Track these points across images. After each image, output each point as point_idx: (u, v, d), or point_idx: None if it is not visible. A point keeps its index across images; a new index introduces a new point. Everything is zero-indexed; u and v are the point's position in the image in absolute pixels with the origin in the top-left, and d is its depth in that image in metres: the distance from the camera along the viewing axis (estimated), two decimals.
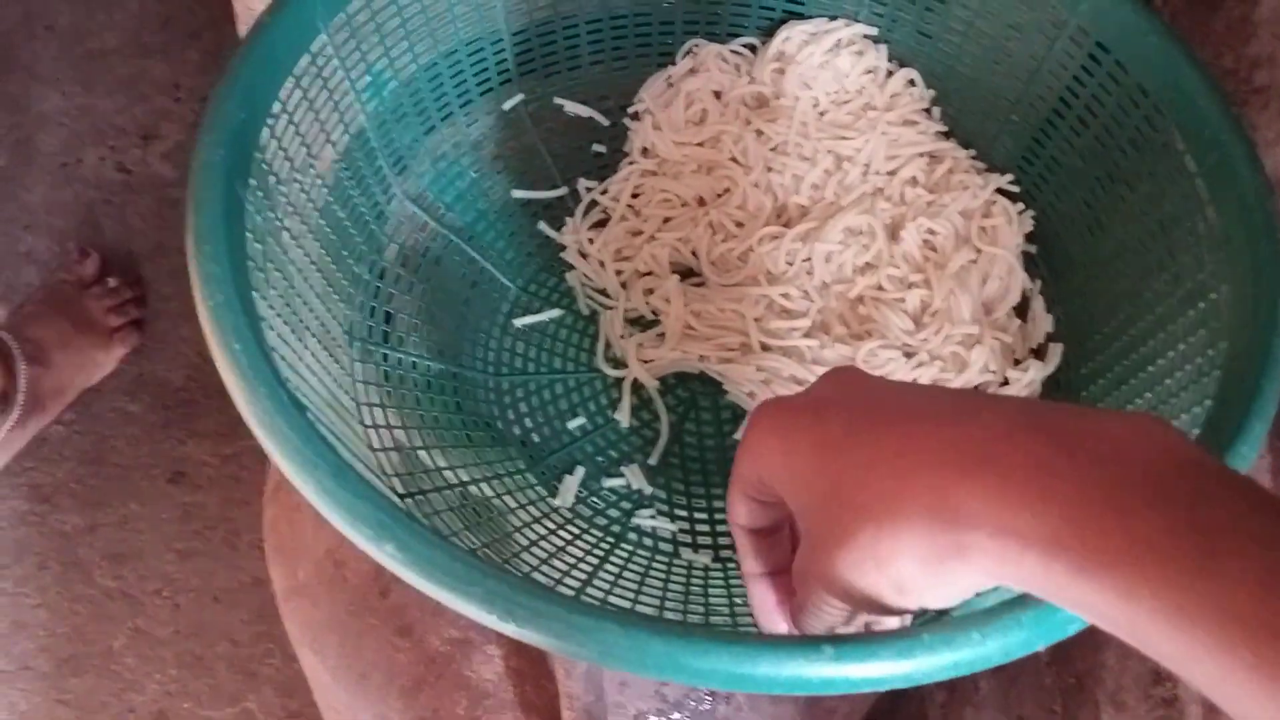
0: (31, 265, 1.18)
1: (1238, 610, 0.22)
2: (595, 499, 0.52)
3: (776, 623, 0.36)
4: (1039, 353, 0.55)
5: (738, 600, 0.48)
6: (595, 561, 0.49)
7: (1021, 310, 0.56)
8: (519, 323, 0.56)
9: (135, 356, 1.14)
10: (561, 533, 0.50)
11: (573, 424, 0.54)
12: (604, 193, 0.58)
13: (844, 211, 0.55)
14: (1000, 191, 0.57)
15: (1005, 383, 0.53)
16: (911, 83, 0.60)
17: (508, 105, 0.60)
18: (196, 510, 1.07)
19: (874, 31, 0.60)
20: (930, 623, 0.34)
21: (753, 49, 0.61)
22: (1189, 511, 0.23)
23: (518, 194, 0.59)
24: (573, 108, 0.61)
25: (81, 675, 0.99)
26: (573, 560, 0.49)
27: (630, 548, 0.50)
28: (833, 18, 0.60)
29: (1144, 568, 0.23)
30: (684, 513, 0.52)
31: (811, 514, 0.30)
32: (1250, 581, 0.22)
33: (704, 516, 0.52)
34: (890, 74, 0.60)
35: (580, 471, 0.52)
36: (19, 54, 1.32)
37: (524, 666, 0.60)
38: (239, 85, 0.46)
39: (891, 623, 0.36)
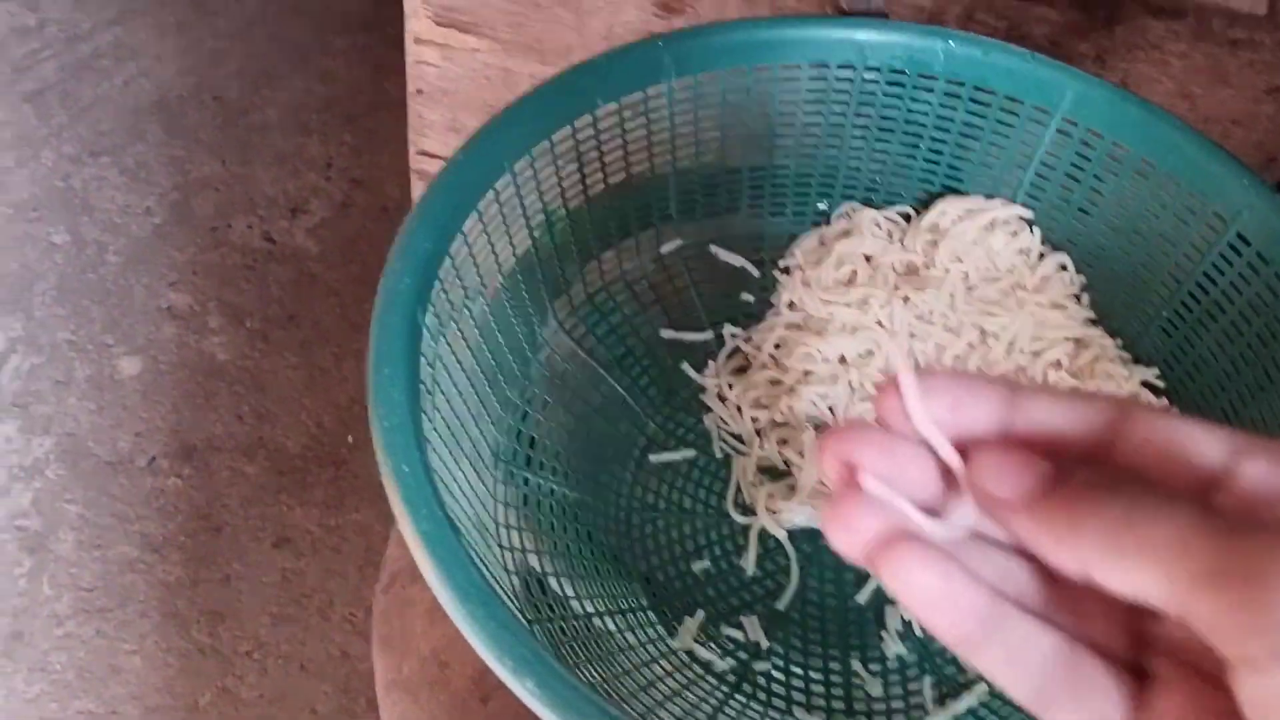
0: (172, 322, 1.25)
1: None
2: (714, 644, 0.52)
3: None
4: None
5: None
6: (709, 710, 0.50)
7: None
8: (654, 459, 0.57)
9: (256, 420, 1.19)
10: (678, 675, 0.51)
11: (697, 566, 0.55)
12: (748, 340, 0.60)
13: None
14: (1146, 385, 0.58)
15: None
16: (1063, 267, 0.61)
17: (665, 249, 0.62)
18: (295, 577, 1.10)
19: (1029, 214, 0.61)
20: None
21: (907, 218, 0.63)
22: None
23: (666, 334, 0.61)
24: (726, 256, 0.63)
25: None
26: (687, 706, 0.49)
27: (744, 699, 0.51)
28: (990, 196, 0.62)
29: None
30: (799, 670, 0.52)
31: None
32: None
33: (819, 677, 0.52)
34: (1042, 256, 0.61)
35: (700, 615, 0.53)
36: (188, 121, 1.41)
37: None
38: (430, 216, 0.50)
39: None
